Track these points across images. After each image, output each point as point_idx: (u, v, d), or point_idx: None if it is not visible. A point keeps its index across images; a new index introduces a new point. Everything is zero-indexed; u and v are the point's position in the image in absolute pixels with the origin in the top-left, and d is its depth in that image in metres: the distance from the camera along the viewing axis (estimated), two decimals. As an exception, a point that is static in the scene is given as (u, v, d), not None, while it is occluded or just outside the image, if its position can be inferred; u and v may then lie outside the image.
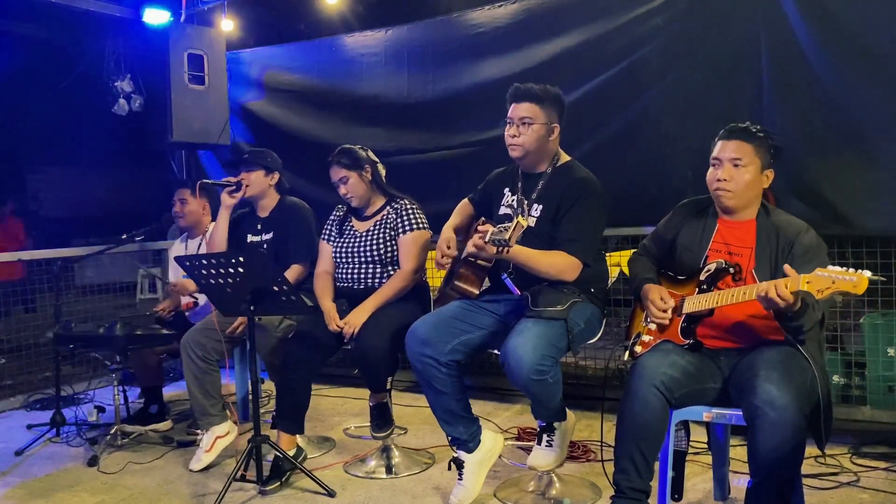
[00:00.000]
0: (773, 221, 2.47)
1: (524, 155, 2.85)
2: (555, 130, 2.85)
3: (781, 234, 2.42)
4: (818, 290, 2.05)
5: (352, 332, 3.15)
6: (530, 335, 2.56)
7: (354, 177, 3.37)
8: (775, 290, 2.12)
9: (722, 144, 2.50)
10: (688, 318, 2.49)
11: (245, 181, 3.72)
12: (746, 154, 2.44)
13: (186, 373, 3.47)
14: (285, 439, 3.24)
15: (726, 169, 2.46)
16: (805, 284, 2.07)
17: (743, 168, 2.44)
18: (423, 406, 3.04)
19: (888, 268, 3.39)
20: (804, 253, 2.35)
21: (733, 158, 2.45)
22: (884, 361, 3.44)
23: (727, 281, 2.45)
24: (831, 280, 2.03)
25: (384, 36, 4.85)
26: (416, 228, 3.35)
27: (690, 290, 2.52)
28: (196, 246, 4.16)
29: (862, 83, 3.27)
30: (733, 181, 2.45)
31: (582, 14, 4.07)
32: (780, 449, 2.12)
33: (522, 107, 2.81)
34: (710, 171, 2.52)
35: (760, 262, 2.42)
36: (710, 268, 2.47)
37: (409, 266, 3.32)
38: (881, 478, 3.01)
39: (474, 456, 2.88)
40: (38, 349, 4.91)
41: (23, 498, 3.22)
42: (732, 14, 3.62)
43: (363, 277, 3.38)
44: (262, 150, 3.88)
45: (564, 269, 2.73)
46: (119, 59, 5.31)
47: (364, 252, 3.37)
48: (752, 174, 2.45)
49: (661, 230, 2.73)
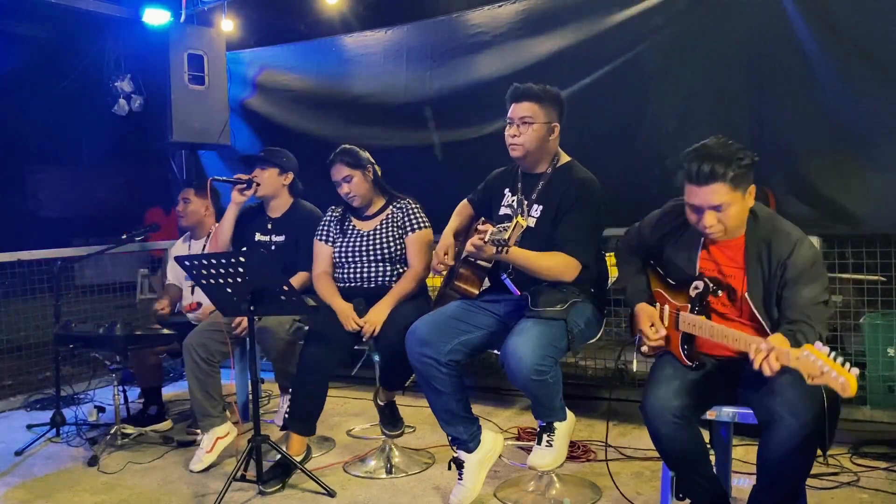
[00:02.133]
0: (762, 232, 2.30)
1: (525, 155, 2.85)
2: (555, 130, 2.85)
3: (773, 252, 2.26)
4: (808, 374, 1.94)
5: (372, 330, 3.16)
6: (530, 335, 2.56)
7: (358, 175, 3.37)
8: (766, 364, 2.02)
9: (693, 191, 2.23)
10: (685, 337, 2.39)
11: (257, 179, 3.71)
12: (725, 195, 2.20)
13: (188, 374, 3.46)
14: (296, 440, 3.24)
15: (708, 217, 2.23)
16: (794, 361, 1.98)
17: (726, 208, 2.22)
18: (424, 406, 3.04)
19: (888, 268, 3.39)
20: (798, 276, 2.22)
21: (712, 206, 2.21)
22: (884, 361, 3.44)
23: (722, 299, 2.36)
24: (820, 371, 1.91)
25: (384, 36, 4.85)
26: (422, 227, 3.40)
27: (682, 300, 2.41)
28: (200, 247, 4.16)
29: (861, 83, 3.27)
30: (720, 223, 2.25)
31: (581, 14, 4.07)
32: (794, 454, 2.11)
33: (522, 106, 2.81)
34: (690, 214, 2.31)
35: (752, 284, 2.29)
36: (698, 285, 2.36)
37: (420, 265, 3.34)
38: (881, 478, 3.01)
39: (474, 456, 2.88)
40: (38, 349, 4.91)
41: (23, 498, 3.22)
42: (732, 13, 3.62)
43: (373, 276, 3.38)
44: (279, 149, 3.85)
45: (563, 269, 2.72)
46: (119, 59, 5.30)
47: (372, 251, 3.37)
48: (737, 208, 2.23)
49: (647, 234, 2.58)
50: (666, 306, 2.48)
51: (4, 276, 4.72)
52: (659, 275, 2.57)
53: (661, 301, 2.51)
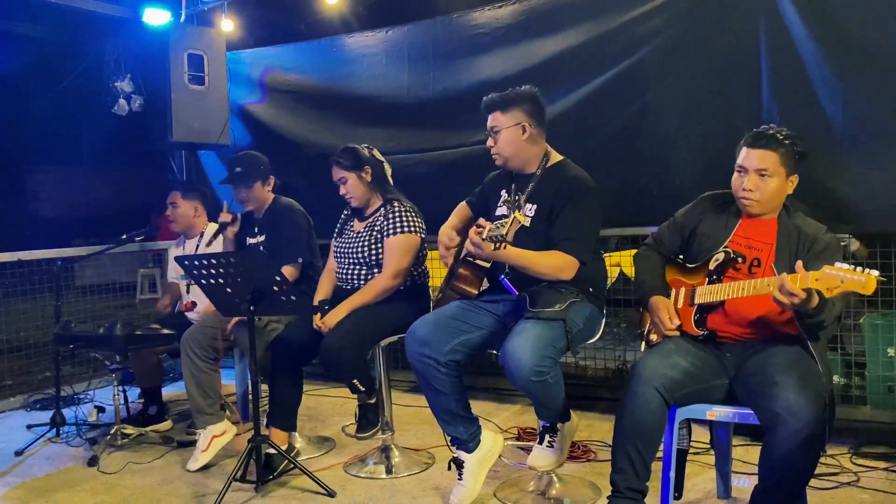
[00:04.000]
0: (795, 222, 2.49)
1: (504, 161, 2.90)
2: (525, 129, 2.84)
3: (803, 234, 2.44)
4: (827, 287, 2.04)
5: (327, 331, 3.19)
6: (529, 336, 2.56)
7: (353, 177, 3.38)
8: (784, 285, 2.11)
9: (747, 152, 2.48)
10: (700, 308, 2.49)
11: (246, 199, 3.75)
12: (772, 163, 2.44)
13: (185, 371, 3.47)
14: (278, 436, 3.30)
15: (752, 179, 2.45)
16: (814, 281, 2.06)
17: (769, 178, 2.44)
18: (423, 406, 3.04)
19: (888, 268, 3.39)
20: (822, 250, 2.38)
21: (759, 169, 2.44)
22: (884, 361, 3.44)
23: (742, 270, 2.45)
24: (840, 279, 2.02)
25: (384, 36, 4.85)
26: (403, 231, 3.32)
27: (700, 279, 2.53)
28: (193, 247, 4.16)
29: (861, 82, 3.27)
30: (759, 191, 2.45)
31: (582, 14, 4.07)
32: (796, 457, 2.12)
33: (490, 117, 2.88)
34: (736, 177, 2.52)
35: (780, 257, 2.42)
36: (719, 257, 2.48)
37: (389, 269, 3.30)
38: (881, 478, 3.01)
39: (474, 456, 2.88)
40: (38, 349, 4.91)
41: (23, 498, 3.22)
42: (732, 14, 3.62)
43: (350, 278, 3.43)
44: (250, 156, 3.82)
45: (562, 268, 2.72)
46: (119, 59, 5.30)
47: (354, 253, 3.40)
48: (778, 183, 2.45)
49: (681, 219, 2.71)
50: (682, 289, 2.57)
51: (4, 276, 4.73)
52: (677, 264, 2.66)
53: (676, 287, 2.60)
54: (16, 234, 9.08)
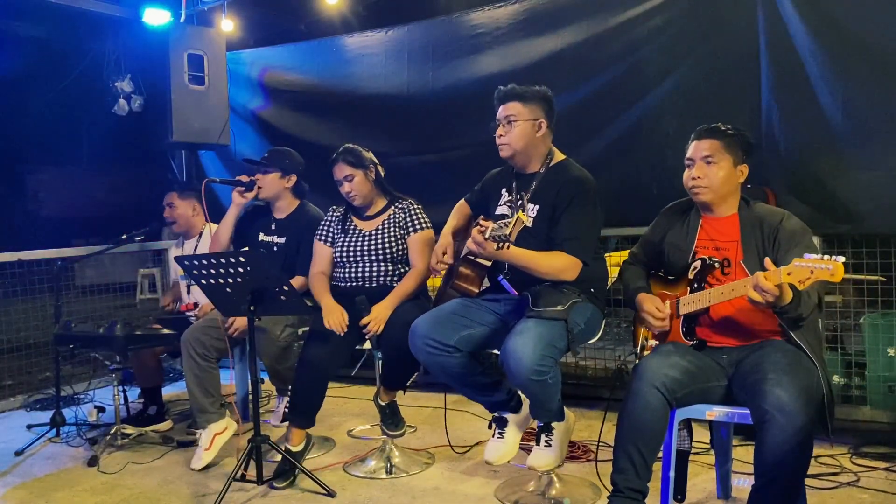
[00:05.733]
0: (755, 213, 2.53)
1: (512, 154, 2.88)
2: (542, 126, 2.85)
3: (765, 224, 2.47)
4: (799, 280, 2.07)
5: (376, 327, 3.16)
6: (530, 335, 2.56)
7: (360, 175, 3.37)
8: (758, 283, 2.13)
9: (694, 145, 2.58)
10: (686, 319, 2.52)
11: (259, 182, 3.71)
12: (716, 150, 2.52)
13: (186, 370, 3.47)
14: (296, 434, 3.26)
15: (699, 167, 2.54)
16: (786, 276, 2.09)
17: (714, 164, 2.51)
18: (424, 406, 3.05)
19: (888, 268, 3.39)
20: (790, 237, 2.40)
21: (704, 156, 2.53)
22: (884, 361, 3.44)
23: (716, 275, 2.49)
24: (809, 270, 2.05)
25: (384, 36, 4.85)
26: (424, 228, 3.41)
27: (682, 289, 2.56)
28: (192, 247, 4.15)
29: (861, 82, 3.27)
30: (706, 178, 2.52)
31: (582, 14, 4.08)
32: (787, 453, 2.12)
33: (507, 106, 2.86)
34: (686, 172, 2.60)
35: (748, 252, 2.46)
36: (696, 265, 2.52)
37: (423, 265, 3.34)
38: (881, 478, 3.01)
39: (518, 416, 2.88)
40: (38, 349, 4.91)
41: (23, 498, 3.22)
42: (732, 14, 3.63)
43: (375, 276, 3.38)
44: (283, 149, 3.83)
45: (564, 268, 2.72)
46: (119, 59, 5.31)
47: (375, 251, 3.37)
48: (726, 170, 2.52)
49: (649, 235, 2.79)
50: (667, 301, 2.59)
51: (4, 276, 4.73)
52: (659, 277, 2.69)
53: (662, 300, 2.62)
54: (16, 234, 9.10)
